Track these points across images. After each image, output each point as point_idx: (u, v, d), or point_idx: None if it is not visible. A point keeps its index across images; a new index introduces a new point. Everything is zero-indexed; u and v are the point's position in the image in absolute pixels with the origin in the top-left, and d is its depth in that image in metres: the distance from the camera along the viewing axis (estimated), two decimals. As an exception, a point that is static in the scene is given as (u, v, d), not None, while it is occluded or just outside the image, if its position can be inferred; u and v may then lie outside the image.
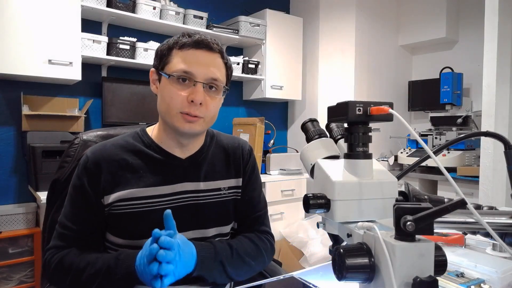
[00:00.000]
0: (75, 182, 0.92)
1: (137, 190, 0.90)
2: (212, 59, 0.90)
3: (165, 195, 0.92)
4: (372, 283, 0.50)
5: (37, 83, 2.39)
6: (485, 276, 0.87)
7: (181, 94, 0.87)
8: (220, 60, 0.92)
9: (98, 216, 0.90)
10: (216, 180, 1.00)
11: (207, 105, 0.89)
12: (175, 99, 0.87)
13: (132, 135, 0.98)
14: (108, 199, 0.89)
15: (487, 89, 2.30)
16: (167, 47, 0.91)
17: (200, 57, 0.88)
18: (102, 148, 0.93)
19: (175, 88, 0.87)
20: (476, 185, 2.38)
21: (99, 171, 0.90)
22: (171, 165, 0.94)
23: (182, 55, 0.88)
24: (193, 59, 0.88)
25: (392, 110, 0.56)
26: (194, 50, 0.88)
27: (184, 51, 0.88)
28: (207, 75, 0.88)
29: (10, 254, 2.10)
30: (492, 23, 2.27)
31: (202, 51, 0.89)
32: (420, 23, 3.47)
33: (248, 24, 3.07)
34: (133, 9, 2.56)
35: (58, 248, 0.90)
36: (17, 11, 2.07)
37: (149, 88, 0.97)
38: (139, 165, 0.92)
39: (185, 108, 0.87)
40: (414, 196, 0.72)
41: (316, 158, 0.66)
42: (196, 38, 0.89)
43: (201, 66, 0.88)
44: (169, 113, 0.89)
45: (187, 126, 0.88)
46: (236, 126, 3.10)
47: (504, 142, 0.70)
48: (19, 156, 2.37)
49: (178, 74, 0.87)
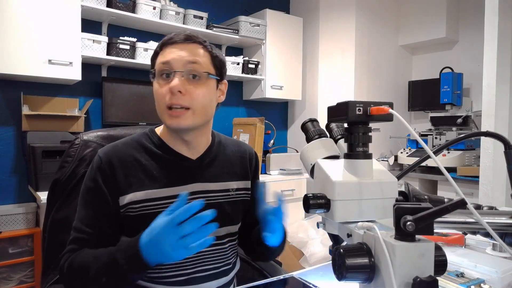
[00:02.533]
0: (89, 185, 0.90)
1: (152, 191, 0.90)
2: (189, 49, 0.90)
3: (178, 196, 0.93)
4: (372, 283, 0.50)
5: (37, 83, 2.39)
6: (485, 276, 0.87)
7: (163, 88, 0.88)
8: (201, 50, 0.91)
9: (115, 217, 0.90)
10: (225, 181, 1.01)
11: (190, 93, 0.88)
12: (159, 94, 0.89)
13: (142, 136, 0.98)
14: (123, 200, 0.89)
15: (487, 89, 2.30)
16: (154, 52, 0.94)
17: (177, 48, 0.89)
18: (114, 148, 0.93)
19: (159, 84, 0.89)
20: (476, 185, 2.38)
21: (113, 171, 0.89)
22: (183, 166, 0.95)
23: (162, 53, 0.91)
24: (170, 52, 0.89)
25: (392, 110, 0.56)
26: (171, 46, 0.90)
27: (164, 49, 0.91)
28: (185, 64, 0.88)
29: (10, 254, 2.10)
30: (492, 23, 2.27)
31: (179, 44, 0.90)
32: (420, 23, 3.47)
33: (248, 24, 3.07)
34: (133, 9, 2.56)
35: (72, 252, 0.88)
36: (17, 11, 2.07)
37: (149, 88, 0.99)
38: (152, 166, 0.92)
39: (168, 100, 0.87)
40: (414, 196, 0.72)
41: (316, 158, 0.66)
42: (172, 35, 0.91)
43: (177, 56, 0.88)
44: (159, 111, 0.91)
45: (174, 121, 0.88)
46: (236, 126, 3.10)
47: (504, 142, 0.70)
48: (19, 156, 2.37)
49: (158, 69, 0.89)
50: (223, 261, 0.98)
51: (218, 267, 0.96)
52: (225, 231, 0.99)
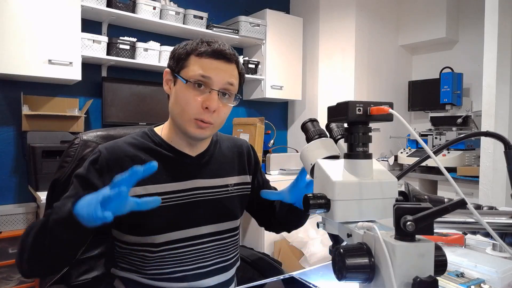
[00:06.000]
0: (80, 172, 0.89)
1: (151, 186, 0.91)
2: (229, 70, 0.92)
3: (178, 191, 0.94)
4: (372, 283, 0.50)
5: (37, 83, 2.39)
6: (485, 276, 0.87)
7: (197, 99, 0.89)
8: (235, 71, 0.94)
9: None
10: (224, 177, 1.03)
11: (219, 112, 0.92)
12: (190, 104, 0.89)
13: (141, 134, 0.99)
14: None
15: (487, 89, 2.30)
16: (185, 52, 0.92)
17: (218, 66, 0.90)
18: (115, 145, 0.94)
19: (191, 94, 0.89)
20: (476, 185, 2.38)
21: (111, 166, 0.89)
22: (183, 162, 0.97)
23: (200, 62, 0.90)
24: (211, 67, 0.89)
25: (392, 110, 0.56)
26: (212, 60, 0.90)
27: (202, 59, 0.90)
28: (223, 84, 0.90)
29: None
30: (492, 23, 2.27)
31: (220, 61, 0.91)
32: (420, 23, 3.47)
33: (248, 24, 3.07)
34: (133, 9, 2.56)
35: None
36: (17, 11, 2.07)
37: (149, 88, 0.98)
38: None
39: (199, 114, 0.89)
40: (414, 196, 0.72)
41: (316, 158, 0.66)
42: (215, 48, 0.90)
43: (218, 75, 0.90)
44: (182, 117, 0.91)
45: (198, 131, 0.91)
46: (236, 126, 3.10)
47: (504, 142, 0.70)
48: (19, 156, 2.37)
49: (196, 79, 0.89)
50: (223, 257, 0.99)
51: (218, 263, 0.97)
52: (225, 227, 1.00)
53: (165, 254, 0.91)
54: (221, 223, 0.99)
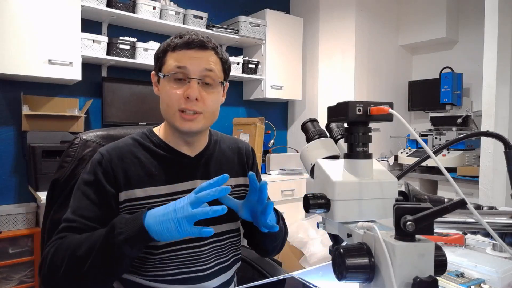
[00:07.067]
0: (87, 178, 0.89)
1: (151, 188, 0.91)
2: (205, 56, 0.92)
3: (178, 192, 0.94)
4: (372, 283, 0.50)
5: (37, 83, 2.39)
6: (485, 276, 0.87)
7: (177, 92, 0.89)
8: (214, 56, 0.94)
9: (112, 211, 0.88)
10: None
11: (204, 100, 0.91)
12: (172, 97, 0.90)
13: (140, 135, 0.99)
14: (122, 197, 0.89)
15: (487, 89, 2.30)
16: (162, 50, 0.94)
17: (192, 55, 0.91)
18: (115, 147, 0.95)
19: (172, 87, 0.90)
20: (476, 185, 2.38)
21: (113, 167, 0.90)
22: (182, 163, 0.97)
23: (175, 55, 0.91)
24: (185, 57, 0.90)
25: (392, 110, 0.56)
26: (186, 50, 0.91)
27: (176, 52, 0.91)
28: (200, 71, 0.90)
29: (10, 254, 2.10)
30: (492, 23, 2.27)
31: (194, 50, 0.91)
32: (420, 23, 3.47)
33: (248, 24, 3.07)
34: (133, 9, 2.56)
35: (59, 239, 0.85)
36: (17, 11, 2.07)
37: (149, 88, 0.99)
38: (152, 163, 0.94)
39: (182, 104, 0.89)
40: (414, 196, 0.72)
41: (316, 158, 0.66)
42: (186, 39, 0.91)
43: (194, 63, 0.90)
44: (168, 112, 0.92)
45: (186, 125, 0.90)
46: (236, 126, 3.10)
47: (504, 142, 0.70)
48: (19, 156, 2.37)
49: (173, 72, 0.90)
50: (223, 258, 0.98)
51: (218, 264, 0.97)
52: (225, 228, 1.00)
53: (166, 256, 0.90)
54: (221, 225, 0.99)
